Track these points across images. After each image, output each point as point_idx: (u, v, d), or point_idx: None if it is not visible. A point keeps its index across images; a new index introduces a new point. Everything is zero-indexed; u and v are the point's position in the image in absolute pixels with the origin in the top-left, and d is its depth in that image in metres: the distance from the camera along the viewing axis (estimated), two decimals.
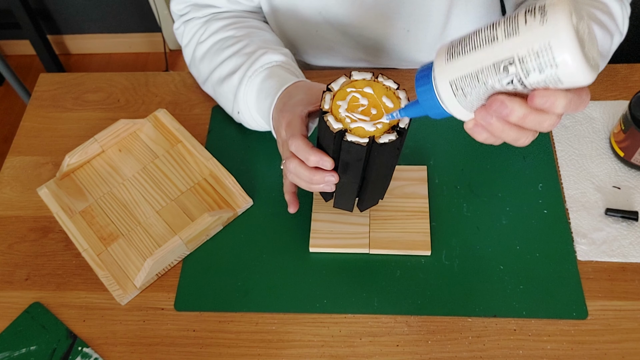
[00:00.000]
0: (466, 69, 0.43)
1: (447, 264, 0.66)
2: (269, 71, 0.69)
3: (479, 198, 0.70)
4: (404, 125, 0.52)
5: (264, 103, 0.67)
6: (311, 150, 0.55)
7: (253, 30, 0.76)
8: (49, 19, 2.02)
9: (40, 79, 0.88)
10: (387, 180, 0.61)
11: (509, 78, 0.42)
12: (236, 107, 0.72)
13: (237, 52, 0.72)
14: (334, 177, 0.56)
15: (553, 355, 0.59)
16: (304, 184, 0.58)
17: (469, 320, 0.62)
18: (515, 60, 0.41)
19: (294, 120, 0.59)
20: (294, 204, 0.65)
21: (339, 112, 0.52)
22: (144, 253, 0.68)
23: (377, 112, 0.53)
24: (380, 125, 0.52)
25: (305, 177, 0.56)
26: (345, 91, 0.54)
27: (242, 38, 0.74)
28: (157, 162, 0.76)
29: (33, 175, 0.77)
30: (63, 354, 0.63)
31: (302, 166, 0.56)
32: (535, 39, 0.39)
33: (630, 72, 0.80)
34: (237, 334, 0.63)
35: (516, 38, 0.40)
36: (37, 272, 0.69)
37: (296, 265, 0.67)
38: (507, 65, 0.41)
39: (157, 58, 2.10)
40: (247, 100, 0.70)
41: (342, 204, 0.64)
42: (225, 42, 0.74)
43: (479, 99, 0.44)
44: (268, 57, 0.70)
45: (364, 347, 0.61)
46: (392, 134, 0.51)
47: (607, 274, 0.64)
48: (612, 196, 0.69)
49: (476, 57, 0.42)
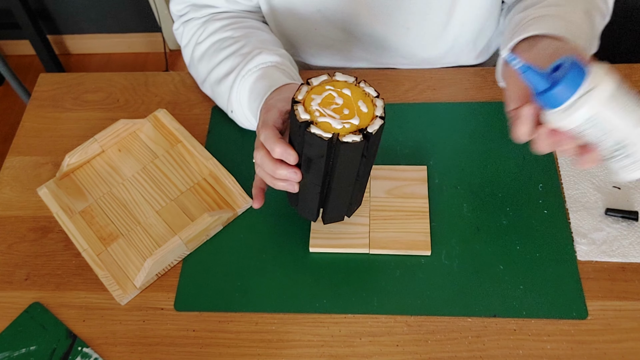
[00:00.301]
0: (612, 120, 0.48)
1: (447, 264, 0.66)
2: (263, 72, 0.69)
3: (479, 198, 0.70)
4: (371, 130, 0.51)
5: (254, 104, 0.68)
6: (278, 142, 0.55)
7: (251, 31, 0.76)
8: (49, 19, 2.02)
9: (40, 79, 0.88)
10: (351, 192, 0.60)
11: (617, 152, 0.50)
12: (230, 106, 0.73)
13: (234, 53, 0.72)
14: (296, 175, 0.56)
15: (553, 355, 0.59)
16: (268, 179, 0.58)
17: (469, 320, 0.62)
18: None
19: (271, 112, 0.59)
20: (259, 199, 0.64)
21: (310, 104, 0.52)
22: (144, 253, 0.68)
23: (349, 113, 0.52)
24: (348, 126, 0.52)
25: (269, 170, 0.57)
26: (324, 88, 0.54)
27: (239, 39, 0.74)
28: (157, 162, 0.76)
29: (33, 175, 0.77)
30: (63, 354, 0.63)
31: (267, 157, 0.56)
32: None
33: (631, 72, 0.80)
34: (237, 334, 0.63)
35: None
36: (36, 272, 0.69)
37: (296, 265, 0.67)
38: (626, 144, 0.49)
39: (157, 58, 2.10)
40: (240, 99, 0.71)
41: (305, 211, 0.64)
42: (223, 43, 0.74)
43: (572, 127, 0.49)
44: (262, 57, 0.70)
45: (364, 347, 0.61)
46: (357, 136, 0.51)
47: (607, 274, 0.64)
48: (612, 196, 0.69)
49: (626, 121, 0.48)
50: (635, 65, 0.81)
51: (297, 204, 0.63)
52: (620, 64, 0.81)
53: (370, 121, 0.52)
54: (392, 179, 0.71)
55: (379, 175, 0.72)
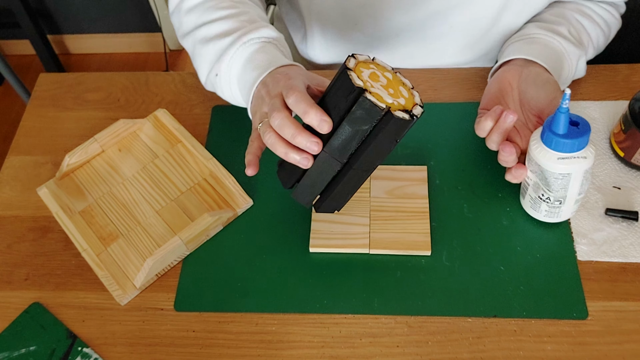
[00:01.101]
0: (575, 182, 0.61)
1: (448, 265, 0.66)
2: (263, 45, 0.67)
3: (479, 198, 0.70)
4: (416, 113, 0.51)
5: (251, 74, 0.64)
6: (313, 105, 0.51)
7: (250, 3, 0.74)
8: (49, 18, 2.02)
9: (40, 79, 0.88)
10: (363, 180, 0.59)
11: (555, 200, 0.63)
12: (216, 69, 0.68)
13: (233, 16, 0.69)
14: (317, 146, 0.52)
15: (553, 357, 0.59)
16: (280, 147, 0.53)
17: (469, 321, 0.62)
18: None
19: (295, 79, 0.56)
20: (254, 165, 0.59)
21: (361, 74, 0.51)
22: (144, 253, 0.68)
23: (394, 93, 0.52)
24: (396, 103, 0.51)
25: (288, 134, 0.52)
26: (368, 65, 0.53)
27: (237, 5, 0.71)
28: (157, 162, 0.76)
29: (33, 175, 0.77)
30: (62, 354, 0.62)
31: (289, 120, 0.52)
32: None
33: (631, 72, 0.80)
34: (237, 334, 0.63)
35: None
36: (36, 272, 0.68)
37: (296, 265, 0.67)
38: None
39: (157, 58, 2.10)
40: (231, 65, 0.67)
41: (304, 194, 0.59)
42: (220, 3, 0.71)
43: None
44: (266, 31, 0.68)
45: (364, 348, 0.61)
46: (406, 114, 0.51)
47: (607, 274, 0.64)
48: (612, 196, 0.69)
49: (581, 187, 0.62)
50: (636, 65, 0.81)
51: (297, 183, 0.58)
52: (620, 64, 0.81)
53: (412, 107, 0.52)
54: (392, 179, 0.71)
55: (379, 175, 0.72)
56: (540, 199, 0.63)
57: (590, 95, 0.76)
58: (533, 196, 0.64)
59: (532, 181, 0.63)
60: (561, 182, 0.60)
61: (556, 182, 0.60)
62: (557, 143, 0.57)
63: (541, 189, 0.62)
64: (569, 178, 0.59)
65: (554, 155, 0.58)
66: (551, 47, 0.71)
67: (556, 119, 0.56)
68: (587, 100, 0.77)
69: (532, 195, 0.64)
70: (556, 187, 0.61)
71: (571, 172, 0.59)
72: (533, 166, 0.61)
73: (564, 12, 0.76)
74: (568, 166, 0.58)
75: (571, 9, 0.76)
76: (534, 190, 0.63)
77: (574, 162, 0.58)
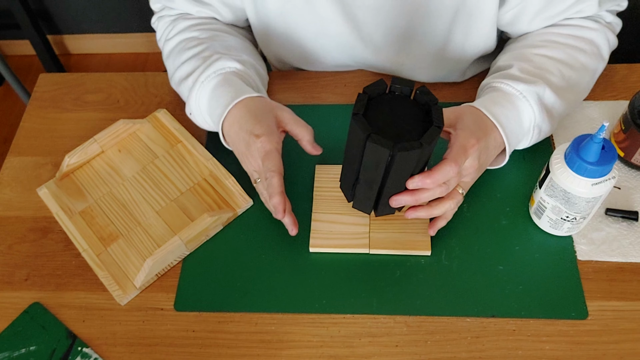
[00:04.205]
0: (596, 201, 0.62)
1: (447, 264, 0.66)
2: (223, 77, 0.69)
3: (478, 198, 0.70)
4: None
5: (215, 111, 0.68)
6: (281, 203, 0.61)
7: (217, 34, 0.77)
8: (49, 19, 2.02)
9: (40, 80, 0.88)
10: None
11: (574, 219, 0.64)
12: (188, 108, 0.73)
13: (196, 55, 0.73)
14: (295, 230, 0.64)
15: (552, 356, 0.59)
16: (279, 215, 0.63)
17: (468, 321, 0.62)
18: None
19: (272, 154, 0.62)
20: (293, 222, 0.65)
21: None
22: (144, 253, 0.68)
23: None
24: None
25: (280, 216, 0.63)
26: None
27: (204, 41, 0.74)
28: (157, 163, 0.76)
29: (33, 175, 0.77)
30: (63, 354, 0.63)
31: (281, 207, 0.62)
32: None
33: (629, 72, 0.81)
34: (237, 334, 0.63)
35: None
36: (36, 272, 0.69)
37: (296, 265, 0.67)
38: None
39: (157, 58, 2.10)
40: (199, 104, 0.71)
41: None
42: (188, 43, 0.75)
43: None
44: (222, 63, 0.70)
45: (363, 348, 0.61)
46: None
47: (606, 274, 0.64)
48: (612, 196, 0.69)
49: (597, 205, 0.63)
50: (635, 65, 0.81)
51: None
52: (620, 64, 0.81)
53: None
54: None
55: None
56: (564, 220, 0.63)
57: (590, 95, 0.76)
58: (553, 218, 0.64)
59: (550, 205, 0.63)
60: (591, 204, 0.61)
61: (587, 205, 0.61)
62: (592, 171, 0.58)
63: (564, 212, 0.62)
64: (599, 198, 0.60)
65: (588, 182, 0.58)
66: (527, 80, 0.67)
67: (589, 149, 0.56)
68: (587, 100, 0.77)
69: (551, 217, 0.64)
70: (585, 209, 0.61)
71: (603, 194, 0.60)
72: (555, 192, 0.61)
73: (525, 52, 0.72)
74: (601, 189, 0.59)
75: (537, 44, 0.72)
76: (553, 213, 0.64)
77: (606, 184, 0.59)
